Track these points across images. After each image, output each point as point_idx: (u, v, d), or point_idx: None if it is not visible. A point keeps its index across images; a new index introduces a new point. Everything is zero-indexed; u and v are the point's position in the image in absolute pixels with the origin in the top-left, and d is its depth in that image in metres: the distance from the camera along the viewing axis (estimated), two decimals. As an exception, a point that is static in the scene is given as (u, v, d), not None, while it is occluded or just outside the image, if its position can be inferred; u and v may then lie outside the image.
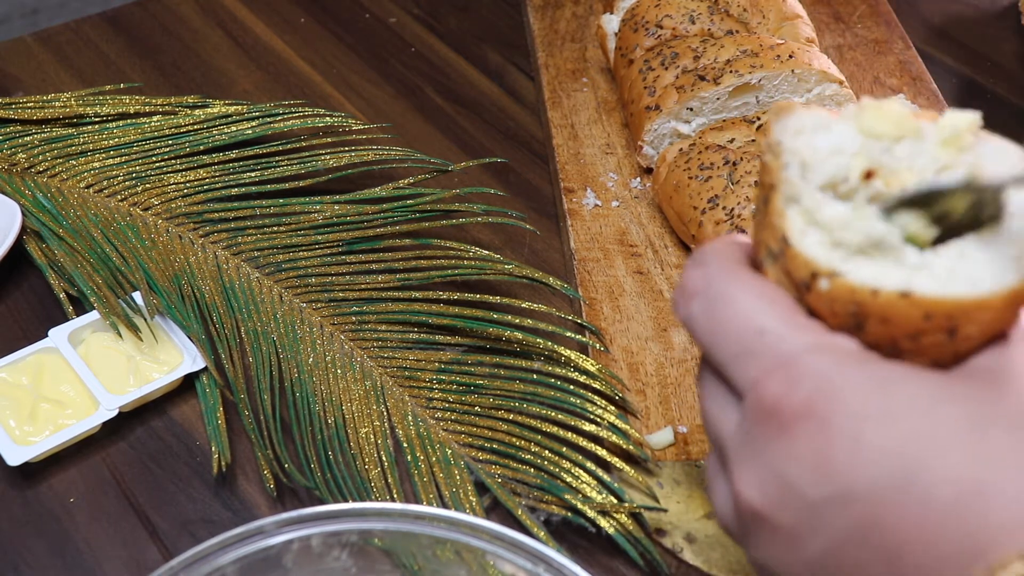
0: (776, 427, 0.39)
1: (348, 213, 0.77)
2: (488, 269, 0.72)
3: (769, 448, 0.40)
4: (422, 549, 0.52)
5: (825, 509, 0.39)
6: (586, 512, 0.59)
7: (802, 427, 0.39)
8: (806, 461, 0.39)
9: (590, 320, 0.70)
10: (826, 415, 0.38)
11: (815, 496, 0.39)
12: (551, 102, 0.88)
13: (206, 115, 0.84)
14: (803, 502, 0.39)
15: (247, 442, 0.66)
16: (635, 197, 0.80)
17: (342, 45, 0.98)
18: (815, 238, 0.40)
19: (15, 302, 0.74)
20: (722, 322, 0.42)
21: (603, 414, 0.63)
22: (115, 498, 0.63)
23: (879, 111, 0.42)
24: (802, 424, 0.39)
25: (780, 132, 0.42)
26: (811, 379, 0.39)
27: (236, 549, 0.49)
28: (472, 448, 0.64)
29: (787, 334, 0.40)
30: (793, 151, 0.42)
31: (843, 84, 0.78)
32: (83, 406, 0.66)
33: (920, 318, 0.39)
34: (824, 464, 0.38)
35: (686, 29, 0.82)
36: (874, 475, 0.38)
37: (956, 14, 1.02)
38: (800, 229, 0.40)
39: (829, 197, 0.41)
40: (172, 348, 0.69)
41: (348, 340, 0.70)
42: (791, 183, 0.41)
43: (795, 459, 0.39)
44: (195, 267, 0.74)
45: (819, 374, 0.39)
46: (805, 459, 0.39)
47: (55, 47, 0.96)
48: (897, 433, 0.38)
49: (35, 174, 0.81)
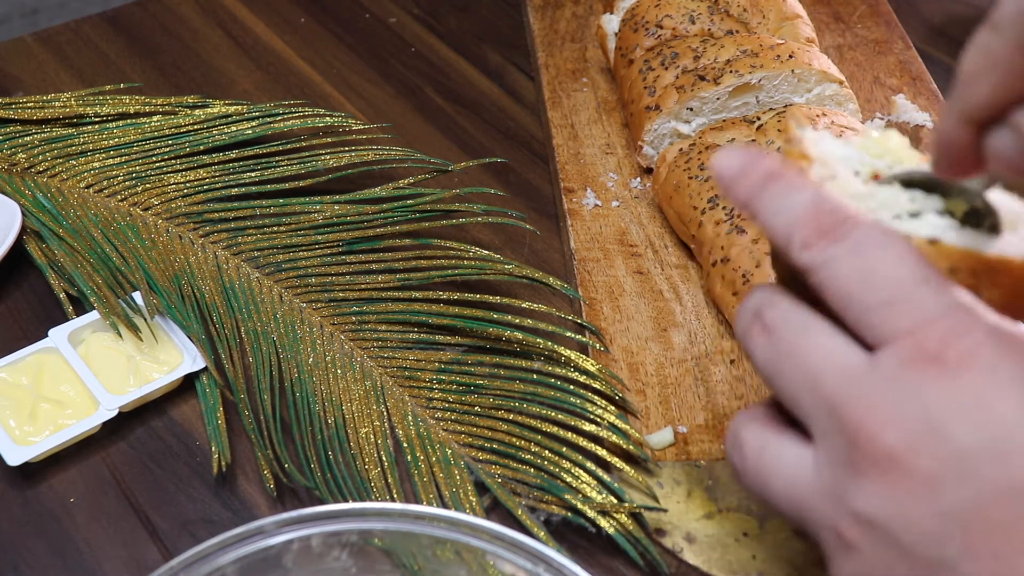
0: (935, 371, 0.38)
1: (348, 213, 0.77)
2: (488, 269, 0.72)
3: (923, 391, 0.38)
4: (422, 549, 0.52)
5: (981, 458, 0.37)
6: (586, 512, 0.59)
7: (969, 372, 0.38)
8: (967, 405, 0.37)
9: (590, 320, 0.70)
10: (997, 363, 0.38)
11: (969, 441, 0.37)
12: (551, 102, 0.88)
13: (206, 115, 0.84)
14: (956, 447, 0.37)
15: (247, 442, 0.66)
16: (635, 197, 0.80)
17: (342, 45, 0.98)
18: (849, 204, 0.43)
19: (15, 302, 0.74)
20: (876, 267, 0.40)
21: (603, 414, 0.63)
22: (115, 498, 0.63)
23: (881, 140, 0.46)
24: (970, 369, 0.38)
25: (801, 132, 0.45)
26: (981, 327, 0.39)
27: (236, 549, 0.49)
28: (472, 448, 0.64)
29: (947, 287, 0.40)
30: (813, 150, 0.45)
31: (843, 84, 0.78)
32: (83, 406, 0.66)
33: (946, 271, 0.41)
34: (987, 411, 0.37)
35: (686, 29, 0.82)
36: None
37: (956, 14, 1.02)
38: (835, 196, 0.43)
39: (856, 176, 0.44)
40: (172, 348, 0.69)
41: (348, 340, 0.70)
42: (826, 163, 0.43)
43: (954, 402, 0.38)
44: (195, 267, 0.74)
45: (988, 324, 0.39)
46: (966, 403, 0.38)
47: (55, 47, 0.96)
48: None
49: (35, 174, 0.81)
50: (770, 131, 0.74)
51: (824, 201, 0.42)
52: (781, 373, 0.43)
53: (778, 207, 0.43)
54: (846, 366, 0.41)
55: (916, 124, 0.84)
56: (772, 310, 0.44)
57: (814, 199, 0.42)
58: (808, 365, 0.42)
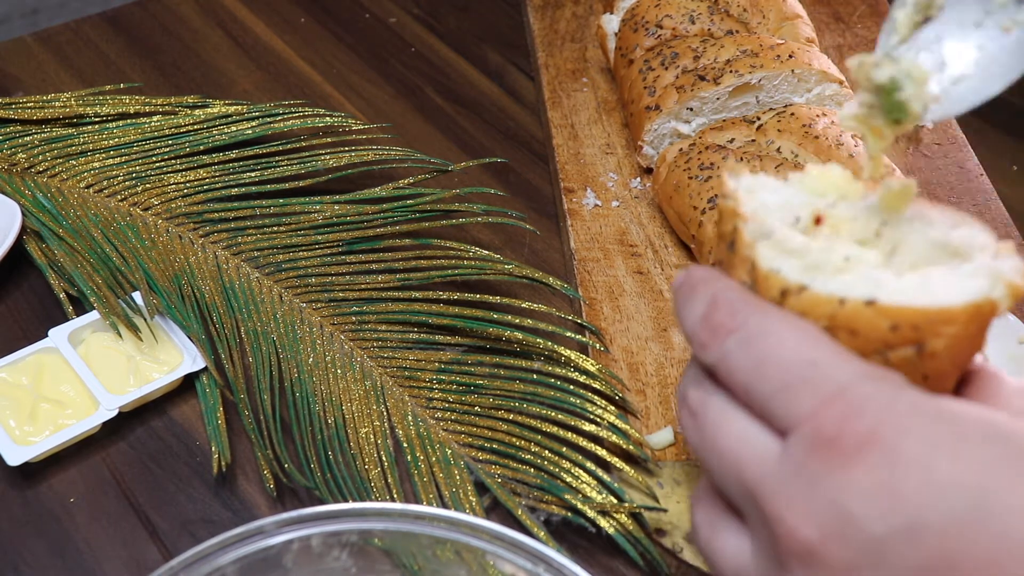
0: (837, 458, 0.37)
1: (348, 213, 0.77)
2: (488, 269, 0.72)
3: (830, 479, 0.38)
4: (422, 549, 0.52)
5: (891, 543, 0.37)
6: (586, 512, 0.59)
7: (867, 457, 0.37)
8: (872, 493, 0.37)
9: (590, 320, 0.70)
10: (894, 444, 0.37)
11: (880, 530, 0.37)
12: (551, 102, 0.88)
13: (206, 115, 0.84)
14: (867, 536, 0.37)
15: (247, 442, 0.66)
16: (635, 197, 0.80)
17: (342, 45, 0.98)
18: (784, 263, 0.42)
19: (15, 302, 0.74)
20: (764, 357, 0.40)
21: (603, 414, 0.63)
22: (115, 498, 0.63)
23: (822, 175, 0.45)
24: (867, 454, 0.37)
25: (735, 185, 0.45)
26: (875, 406, 0.38)
27: (236, 549, 0.49)
28: (472, 448, 0.64)
29: (840, 363, 0.39)
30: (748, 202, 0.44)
31: (843, 84, 0.78)
32: (83, 406, 0.66)
33: (887, 329, 0.39)
34: (892, 496, 0.37)
35: (686, 29, 0.82)
36: (947, 507, 0.36)
37: (956, 14, 1.02)
38: (769, 256, 0.42)
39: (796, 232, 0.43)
40: (172, 348, 0.69)
41: (348, 340, 0.70)
42: (760, 221, 0.43)
43: (859, 491, 0.37)
44: (195, 267, 0.74)
45: (883, 401, 0.38)
46: (871, 491, 0.37)
47: (55, 47, 0.96)
48: (968, 462, 0.36)
49: (35, 174, 0.81)
50: (770, 131, 0.74)
51: (718, 294, 0.42)
52: (709, 461, 0.43)
53: (685, 314, 0.44)
54: (761, 456, 0.40)
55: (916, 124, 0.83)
56: (695, 392, 0.44)
57: (709, 298, 0.43)
58: (729, 454, 0.42)
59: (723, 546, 0.44)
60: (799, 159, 0.72)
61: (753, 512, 0.41)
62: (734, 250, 0.43)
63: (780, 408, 0.40)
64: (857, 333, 0.40)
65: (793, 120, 0.74)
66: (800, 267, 0.41)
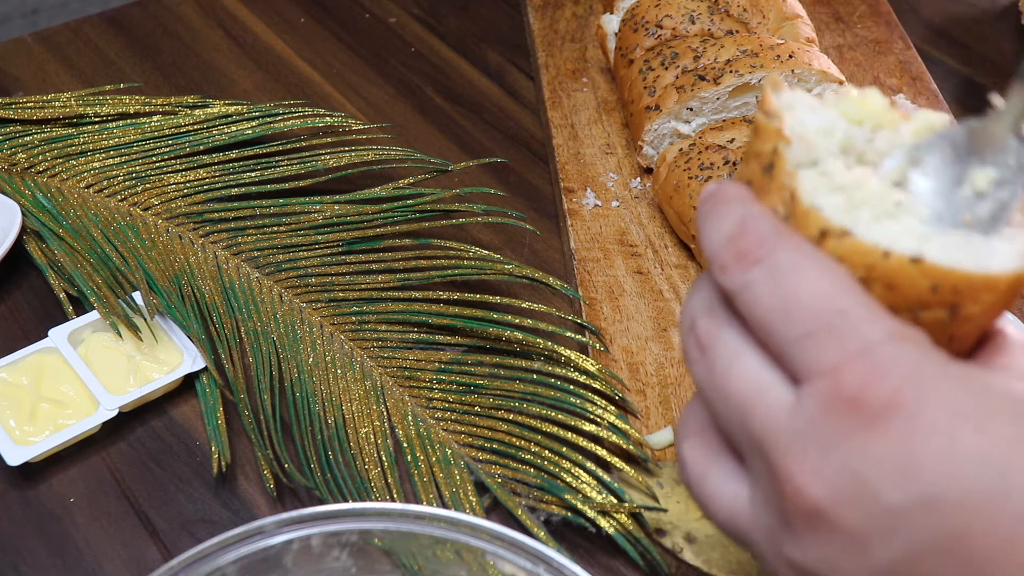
0: (858, 419, 0.36)
1: (348, 213, 0.77)
2: (488, 269, 0.72)
3: (846, 442, 0.36)
4: (422, 549, 0.52)
5: (906, 514, 0.35)
6: (586, 512, 0.59)
7: (889, 422, 0.35)
8: (891, 460, 0.35)
9: (590, 320, 0.70)
10: (917, 410, 0.35)
11: (896, 499, 0.35)
12: (551, 102, 0.88)
13: (206, 115, 0.84)
14: (881, 504, 0.36)
15: (247, 442, 0.66)
16: (635, 197, 0.80)
17: (342, 45, 0.98)
18: (828, 199, 0.39)
19: (15, 302, 0.74)
20: (791, 295, 0.37)
21: (603, 414, 0.63)
22: (115, 498, 0.63)
23: (862, 99, 0.42)
24: (890, 419, 0.35)
25: (778, 102, 0.41)
26: (900, 369, 0.36)
27: (236, 549, 0.49)
28: (472, 448, 0.64)
29: (871, 318, 0.37)
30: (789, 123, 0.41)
31: (843, 84, 0.78)
32: (83, 406, 0.66)
33: (927, 289, 0.38)
34: (912, 465, 0.35)
35: (686, 29, 0.82)
36: (968, 480, 0.35)
37: (956, 14, 1.02)
38: (812, 189, 0.39)
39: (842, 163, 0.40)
40: (172, 348, 0.69)
41: (348, 340, 0.70)
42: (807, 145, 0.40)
43: (878, 456, 0.35)
44: (195, 267, 0.74)
45: (908, 365, 0.36)
46: (890, 457, 0.35)
47: (55, 47, 0.96)
48: (992, 435, 0.35)
49: (35, 174, 0.81)
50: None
51: (750, 219, 0.39)
52: (714, 401, 0.40)
53: (708, 230, 0.41)
54: (773, 405, 0.38)
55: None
56: (707, 322, 0.41)
57: (739, 219, 0.39)
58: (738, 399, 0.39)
59: (717, 489, 0.42)
60: (799, 159, 0.72)
61: (757, 461, 0.39)
62: (771, 175, 0.40)
63: (800, 355, 0.37)
64: (895, 288, 0.37)
65: (793, 120, 0.74)
66: (845, 206, 0.38)
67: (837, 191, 0.39)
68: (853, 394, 0.36)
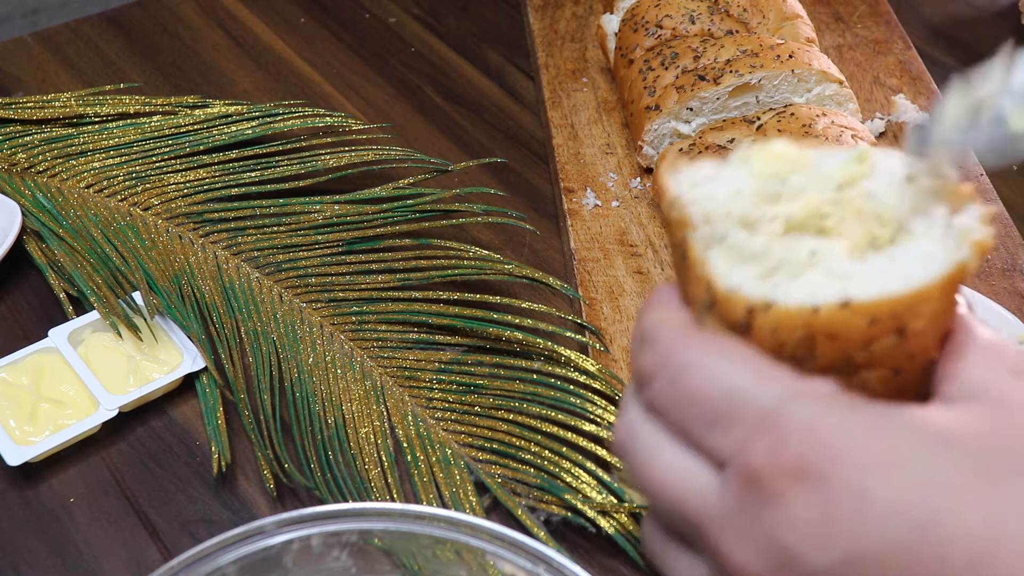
0: (769, 492, 0.36)
1: (348, 213, 0.77)
2: (488, 269, 0.72)
3: (764, 516, 0.36)
4: (422, 549, 0.52)
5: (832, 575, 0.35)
6: (586, 512, 0.59)
7: (799, 488, 0.35)
8: (808, 525, 0.35)
9: (590, 320, 0.70)
10: (824, 470, 0.35)
11: (821, 563, 0.35)
12: (551, 102, 0.88)
13: (206, 115, 0.84)
14: (807, 568, 0.35)
15: (247, 442, 0.66)
16: (635, 197, 0.80)
17: (342, 45, 0.98)
18: (742, 275, 0.39)
19: (15, 302, 0.74)
20: (688, 393, 0.38)
21: (603, 414, 0.63)
22: (115, 498, 0.63)
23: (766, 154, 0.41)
24: (799, 484, 0.35)
25: (677, 187, 0.41)
26: (798, 432, 0.36)
27: (236, 549, 0.49)
28: (472, 448, 0.64)
29: (760, 388, 0.37)
30: (695, 202, 0.41)
31: (843, 84, 0.78)
32: (83, 406, 0.66)
33: (866, 325, 0.37)
34: (829, 526, 0.35)
35: (686, 29, 0.82)
36: (886, 533, 0.34)
37: (956, 14, 1.02)
38: (725, 271, 0.39)
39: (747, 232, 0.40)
40: (172, 348, 0.69)
41: (348, 340, 0.70)
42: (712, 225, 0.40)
43: (795, 524, 0.35)
44: (195, 267, 0.74)
45: (806, 425, 0.36)
46: (807, 523, 0.35)
47: (55, 47, 0.96)
48: (906, 483, 0.35)
49: (35, 174, 0.81)
50: (770, 131, 0.74)
51: (648, 336, 0.40)
52: (647, 492, 0.41)
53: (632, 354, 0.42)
54: (702, 490, 0.39)
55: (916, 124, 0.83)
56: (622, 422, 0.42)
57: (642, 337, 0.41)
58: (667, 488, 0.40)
59: (675, 564, 0.42)
60: (799, 159, 0.71)
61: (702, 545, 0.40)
62: (687, 264, 0.40)
63: (712, 444, 0.38)
64: (837, 336, 0.38)
65: (793, 120, 0.74)
66: (761, 273, 0.38)
67: (750, 261, 0.39)
68: (762, 467, 0.36)
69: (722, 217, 0.40)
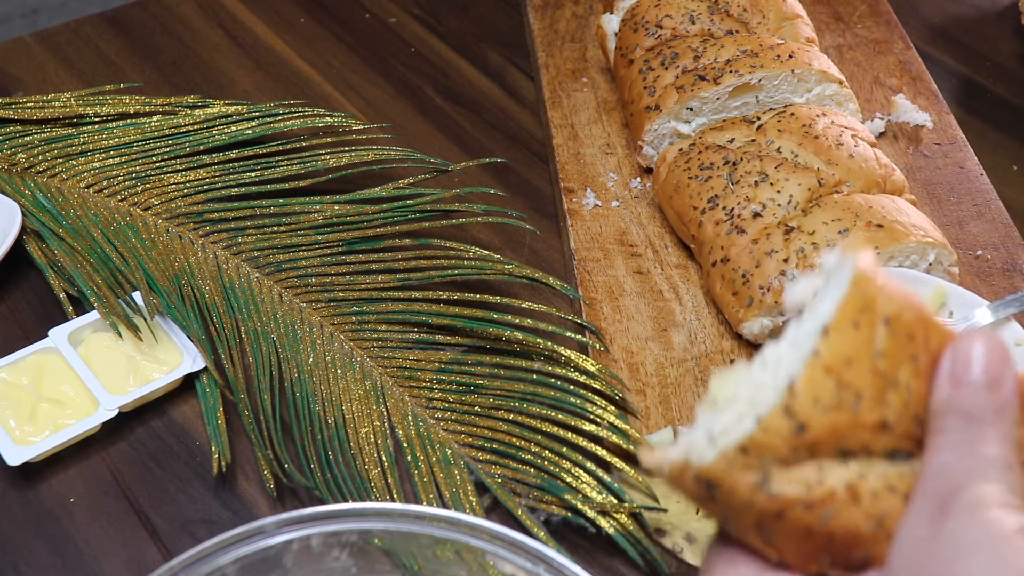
0: None
1: (348, 213, 0.77)
2: (488, 269, 0.72)
3: None
4: (422, 549, 0.52)
5: None
6: (586, 512, 0.59)
7: None
8: None
9: (590, 320, 0.70)
10: None
11: None
12: (551, 102, 0.88)
13: (206, 115, 0.84)
14: None
15: (247, 442, 0.66)
16: (635, 197, 0.80)
17: (342, 45, 0.98)
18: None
19: (15, 302, 0.74)
20: None
21: (603, 414, 0.63)
22: (115, 498, 0.63)
23: (725, 379, 0.40)
24: None
25: (653, 460, 0.40)
26: None
27: (236, 549, 0.49)
28: (472, 448, 0.64)
29: None
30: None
31: (843, 84, 0.78)
32: (83, 406, 0.66)
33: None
34: None
35: (686, 29, 0.82)
36: None
37: (956, 14, 1.02)
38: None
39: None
40: (172, 348, 0.69)
41: (348, 340, 0.70)
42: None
43: None
44: (195, 267, 0.74)
45: None
46: None
47: (55, 47, 0.96)
48: None
49: (35, 174, 0.81)
50: (770, 131, 0.74)
51: None
52: None
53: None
54: None
55: (916, 124, 0.83)
56: None
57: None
58: None
59: None
60: (799, 159, 0.72)
61: None
62: (713, 498, 0.39)
63: None
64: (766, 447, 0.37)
65: (793, 120, 0.74)
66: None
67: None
68: None
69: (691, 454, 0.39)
